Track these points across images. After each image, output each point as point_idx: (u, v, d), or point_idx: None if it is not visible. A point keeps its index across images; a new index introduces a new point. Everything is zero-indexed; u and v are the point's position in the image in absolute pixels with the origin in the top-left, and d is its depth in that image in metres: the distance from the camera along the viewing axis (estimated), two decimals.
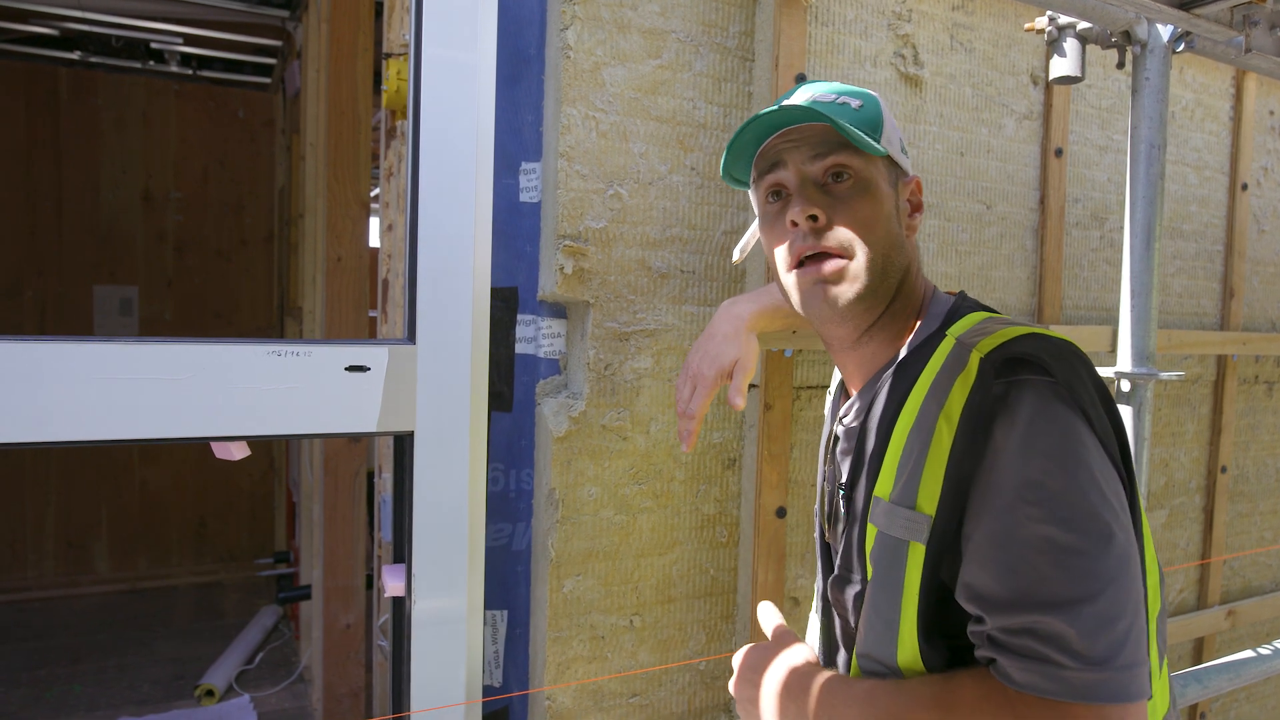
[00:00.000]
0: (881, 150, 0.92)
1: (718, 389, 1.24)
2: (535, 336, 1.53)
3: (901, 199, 0.97)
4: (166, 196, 5.01)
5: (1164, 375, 1.69)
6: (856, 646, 0.90)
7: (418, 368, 1.25)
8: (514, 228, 1.51)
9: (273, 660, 3.96)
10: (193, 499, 5.09)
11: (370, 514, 3.13)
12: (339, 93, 2.88)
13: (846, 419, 0.98)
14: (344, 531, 3.05)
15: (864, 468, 0.91)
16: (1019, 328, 0.84)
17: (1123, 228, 1.71)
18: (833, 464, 1.01)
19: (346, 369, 1.21)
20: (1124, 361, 1.71)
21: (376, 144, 3.65)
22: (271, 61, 4.80)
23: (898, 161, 0.96)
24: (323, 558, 3.04)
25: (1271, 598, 2.59)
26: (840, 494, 0.97)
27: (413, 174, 1.26)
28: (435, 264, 1.26)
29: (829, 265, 0.91)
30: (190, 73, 4.91)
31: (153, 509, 5.01)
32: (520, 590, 1.55)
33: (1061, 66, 1.68)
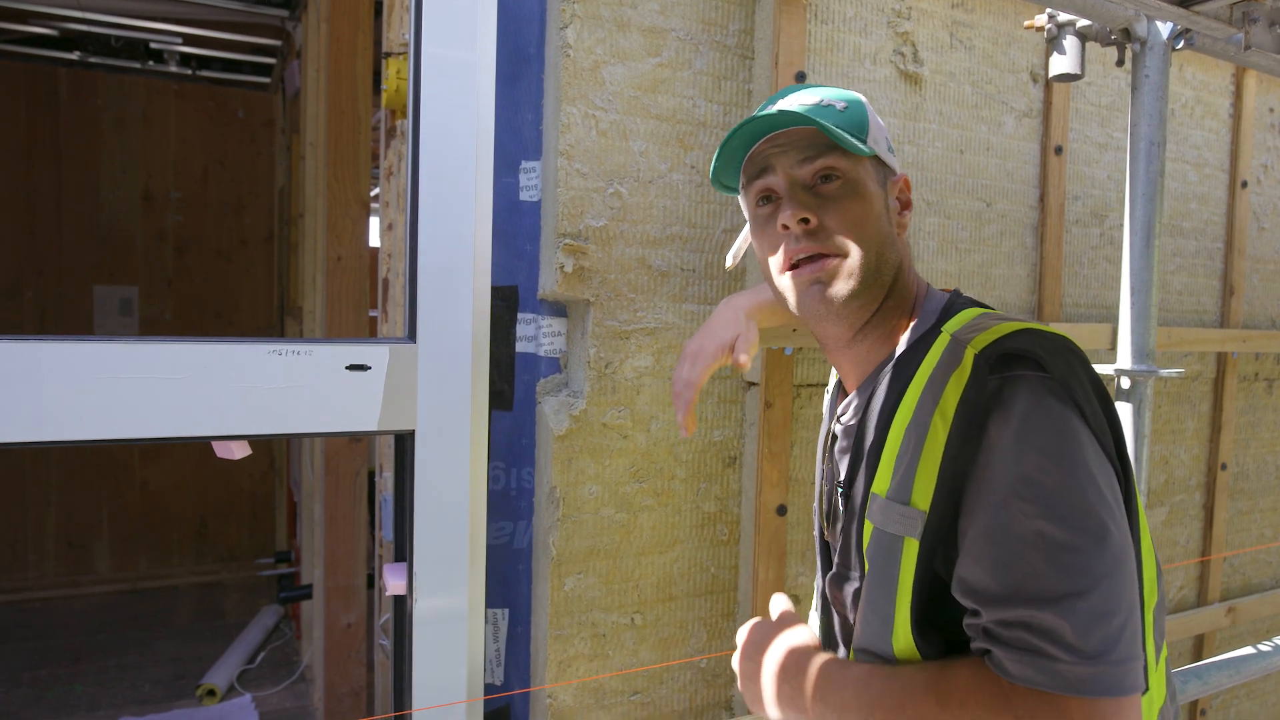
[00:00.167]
0: (868, 151, 0.93)
1: (717, 364, 1.24)
2: (536, 335, 1.53)
3: (890, 197, 0.98)
4: (166, 196, 5.01)
5: (1164, 372, 1.69)
6: (854, 641, 0.91)
7: (418, 366, 1.25)
8: (514, 226, 1.51)
9: (274, 660, 3.97)
10: (193, 499, 5.09)
11: (371, 513, 3.14)
12: (339, 92, 2.88)
13: (844, 417, 0.98)
14: (345, 531, 3.05)
15: (862, 465, 0.91)
16: (1013, 323, 0.84)
17: (1122, 225, 1.71)
18: (831, 462, 1.01)
19: (347, 368, 1.21)
20: (1124, 359, 1.71)
21: (376, 143, 3.65)
22: (271, 61, 4.80)
23: (885, 160, 0.97)
24: (324, 557, 3.04)
25: (1271, 595, 2.59)
26: (839, 492, 0.98)
27: (413, 173, 1.26)
28: (436, 263, 1.26)
29: (823, 264, 0.92)
30: (190, 73, 4.91)
31: (153, 509, 5.01)
32: (521, 588, 1.55)
33: (1061, 64, 1.68)
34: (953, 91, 1.86)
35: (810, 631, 0.97)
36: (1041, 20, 1.71)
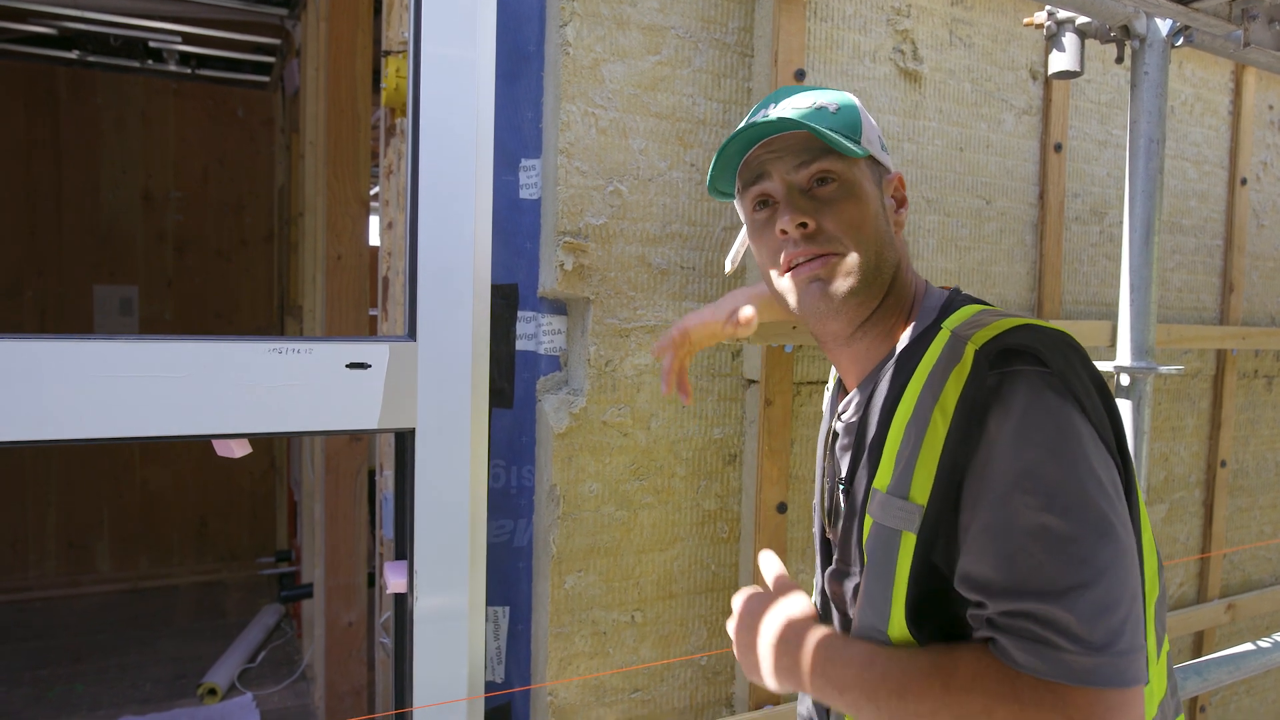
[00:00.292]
0: (862, 152, 0.93)
1: (714, 326, 1.26)
2: (536, 333, 1.53)
3: (886, 196, 0.99)
4: (166, 196, 5.00)
5: (1163, 369, 1.69)
6: (852, 633, 0.91)
7: (418, 365, 1.25)
8: (514, 224, 1.51)
9: (275, 659, 3.97)
10: (194, 498, 5.09)
11: (372, 512, 3.14)
12: (338, 91, 2.87)
13: (845, 415, 0.99)
14: (345, 530, 3.05)
15: (863, 461, 0.92)
16: (1013, 319, 0.85)
17: (1122, 223, 1.72)
18: (832, 459, 1.02)
19: (347, 366, 1.21)
20: (1123, 356, 1.71)
21: (376, 142, 3.65)
22: (270, 60, 4.80)
23: (879, 159, 0.98)
24: (324, 556, 3.04)
25: (1271, 591, 2.59)
26: (840, 488, 0.98)
27: (413, 171, 1.26)
28: (436, 261, 1.26)
29: (821, 263, 0.92)
30: (189, 72, 4.90)
31: (154, 508, 5.01)
32: (522, 586, 1.55)
33: (1060, 61, 1.68)
34: (952, 89, 1.86)
35: (807, 600, 0.97)
36: (1041, 17, 1.71)
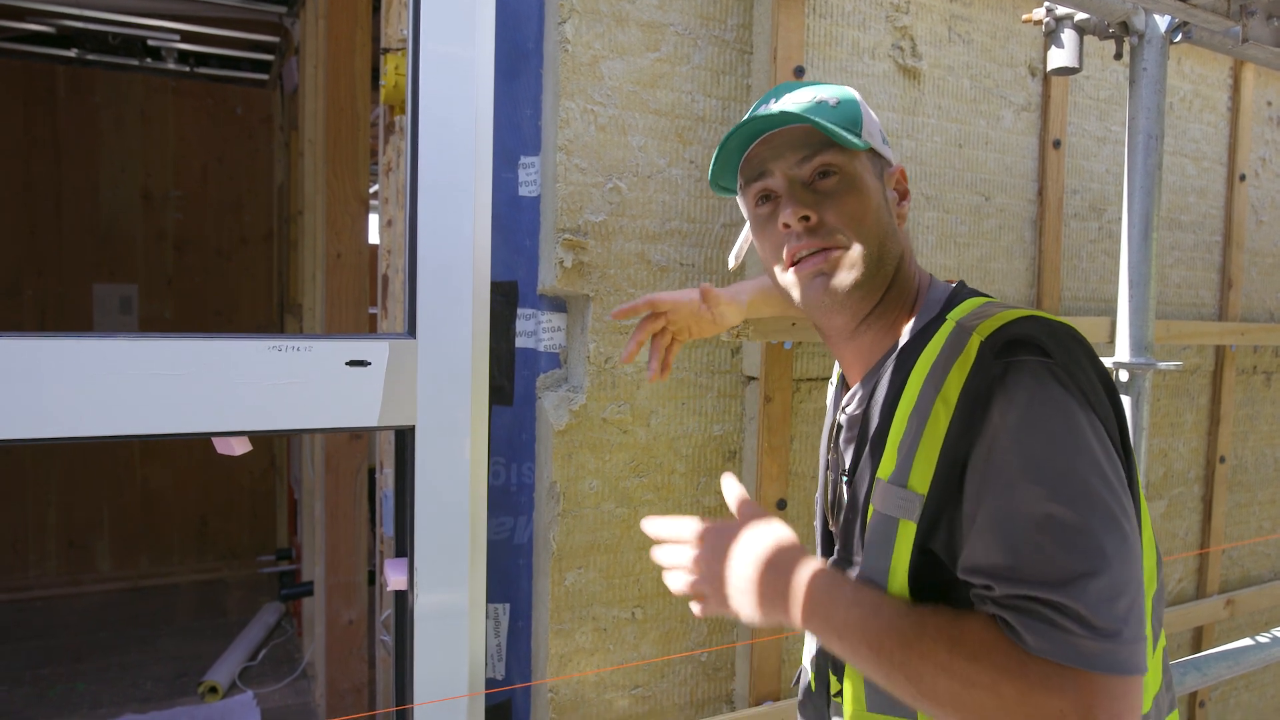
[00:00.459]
0: (863, 145, 0.93)
1: (688, 310, 1.26)
2: (535, 330, 1.53)
3: (888, 189, 0.99)
4: (165, 195, 5.00)
5: (1162, 365, 1.70)
6: None
7: (418, 362, 1.25)
8: (513, 222, 1.51)
9: (275, 657, 3.97)
10: (194, 497, 5.09)
11: (372, 510, 3.14)
12: (337, 89, 2.87)
13: (849, 408, 0.99)
14: (346, 528, 3.05)
15: (866, 452, 0.92)
16: (1019, 310, 0.85)
17: (1121, 219, 1.72)
18: (836, 452, 1.02)
19: (347, 364, 1.21)
20: (1122, 352, 1.72)
21: (375, 140, 3.65)
22: (269, 58, 4.79)
23: (880, 152, 0.98)
24: (325, 554, 3.04)
25: (1270, 587, 2.59)
26: (844, 480, 0.98)
27: (412, 169, 1.26)
28: (435, 259, 1.26)
29: (825, 256, 0.92)
30: (188, 70, 4.90)
31: (154, 507, 5.01)
32: (522, 583, 1.56)
33: (1059, 58, 1.68)
34: (951, 86, 1.86)
35: (788, 528, 0.94)
36: (1039, 14, 1.71)
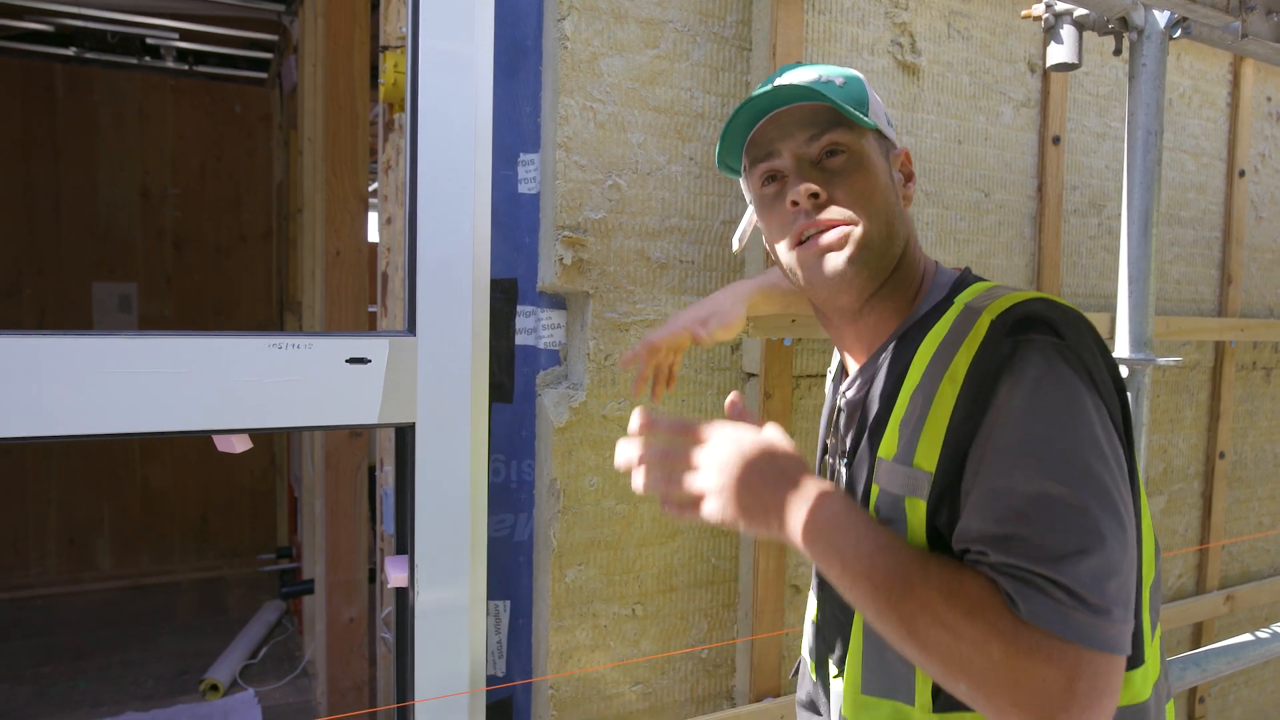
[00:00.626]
0: (871, 123, 0.93)
1: (683, 335, 1.25)
2: (535, 327, 1.53)
3: (894, 170, 0.98)
4: (164, 193, 5.00)
5: (1162, 361, 1.70)
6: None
7: (418, 360, 1.25)
8: (513, 219, 1.51)
9: (276, 655, 3.97)
10: (194, 496, 5.10)
11: (372, 509, 3.14)
12: (336, 87, 2.87)
13: (849, 393, 0.98)
14: (346, 526, 3.06)
15: (867, 433, 0.92)
16: (1029, 292, 0.85)
17: (1120, 215, 1.72)
18: (836, 436, 1.02)
19: (347, 361, 1.22)
20: (1122, 348, 1.72)
21: (374, 138, 3.65)
22: (268, 56, 4.79)
23: (886, 134, 0.98)
24: (325, 552, 3.05)
25: (1270, 582, 2.60)
26: (843, 463, 0.98)
27: (411, 167, 1.26)
28: (435, 256, 1.26)
29: (833, 233, 0.91)
30: (186, 68, 4.89)
31: (154, 506, 5.02)
32: (523, 580, 1.56)
33: (1058, 54, 1.68)
34: (950, 82, 1.86)
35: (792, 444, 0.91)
36: (1039, 10, 1.71)
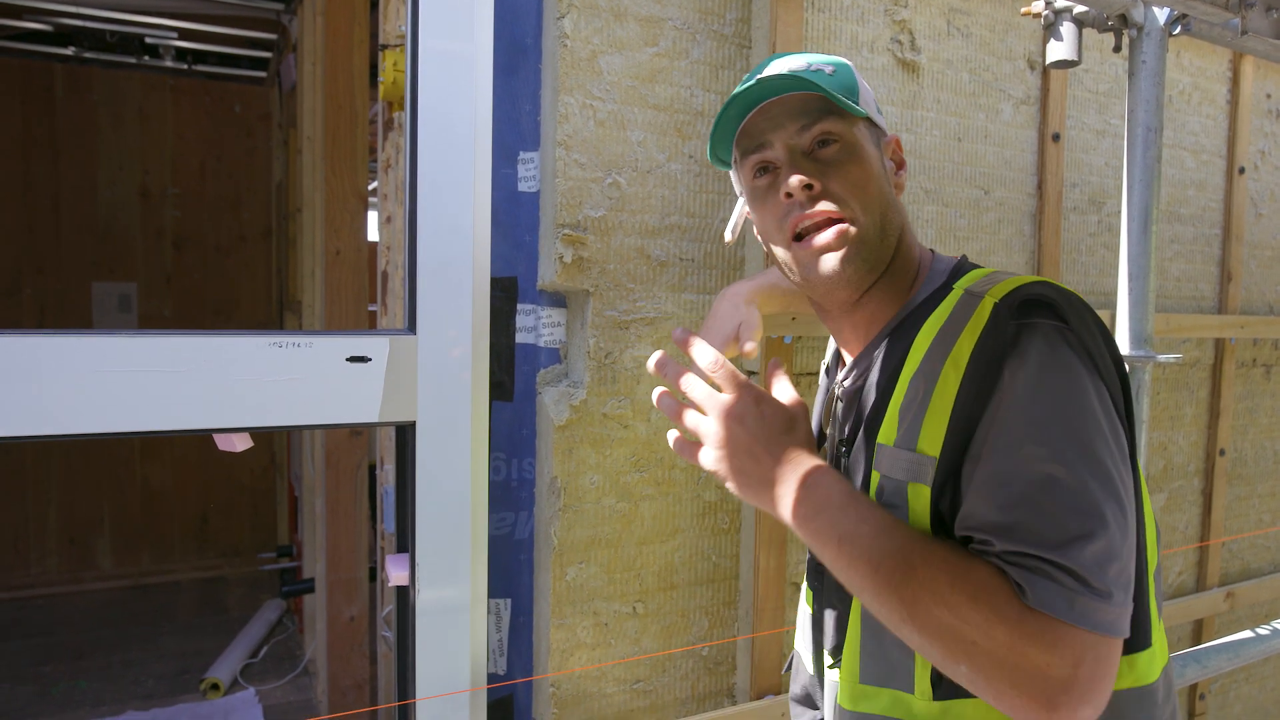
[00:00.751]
0: (862, 111, 0.92)
1: (727, 354, 1.25)
2: (535, 326, 1.53)
3: (885, 158, 0.98)
4: (164, 193, 5.00)
5: (1162, 358, 1.70)
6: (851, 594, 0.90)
7: (419, 358, 1.25)
8: (513, 217, 1.51)
9: (277, 654, 3.98)
10: (195, 495, 5.10)
11: (373, 507, 3.14)
12: (335, 86, 2.87)
13: (846, 382, 0.98)
14: (346, 525, 3.06)
15: (865, 420, 0.92)
16: (1030, 276, 0.85)
17: (1120, 212, 1.72)
18: (834, 426, 1.02)
19: (348, 360, 1.22)
20: (1122, 345, 1.72)
21: (373, 137, 3.65)
22: (267, 55, 4.79)
23: (876, 121, 0.97)
24: (325, 551, 3.05)
25: (1270, 579, 2.60)
26: (841, 450, 0.98)
27: (411, 165, 1.26)
28: (435, 254, 1.26)
29: (831, 230, 0.91)
30: (185, 68, 4.89)
31: (155, 505, 5.02)
32: (523, 578, 1.56)
33: (1058, 51, 1.68)
34: (950, 79, 1.86)
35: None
36: (1038, 7, 1.71)
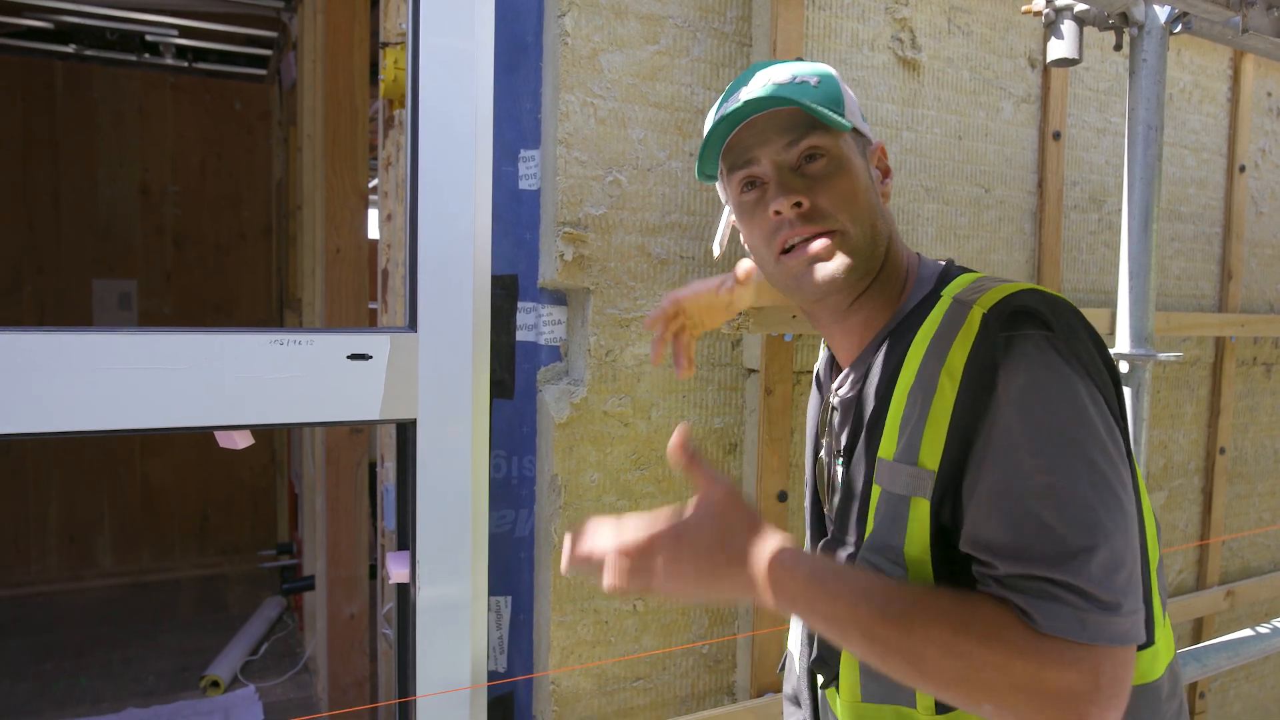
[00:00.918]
0: (848, 125, 0.92)
1: (706, 301, 1.24)
2: (536, 324, 1.53)
3: (872, 167, 0.98)
4: (164, 190, 4.99)
5: (1162, 357, 1.70)
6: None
7: (419, 356, 1.25)
8: (514, 215, 1.51)
9: (277, 651, 3.98)
10: (195, 492, 5.10)
11: (373, 505, 3.15)
12: (335, 84, 2.87)
13: (842, 390, 0.98)
14: (346, 522, 3.06)
15: (863, 431, 0.92)
16: (1017, 284, 0.85)
17: (1121, 210, 1.72)
18: (830, 434, 1.01)
19: (349, 357, 1.22)
20: (1122, 343, 1.72)
21: (374, 135, 3.65)
22: (267, 53, 4.78)
23: (862, 130, 0.97)
24: (325, 549, 3.05)
25: (1270, 578, 2.60)
26: (839, 461, 0.98)
27: (412, 163, 1.26)
28: (436, 252, 1.26)
29: (819, 243, 0.91)
30: (186, 65, 4.89)
31: (155, 502, 5.02)
32: (524, 576, 1.56)
33: (1059, 49, 1.68)
34: (951, 77, 1.86)
35: (743, 499, 0.90)
36: (1039, 5, 1.70)
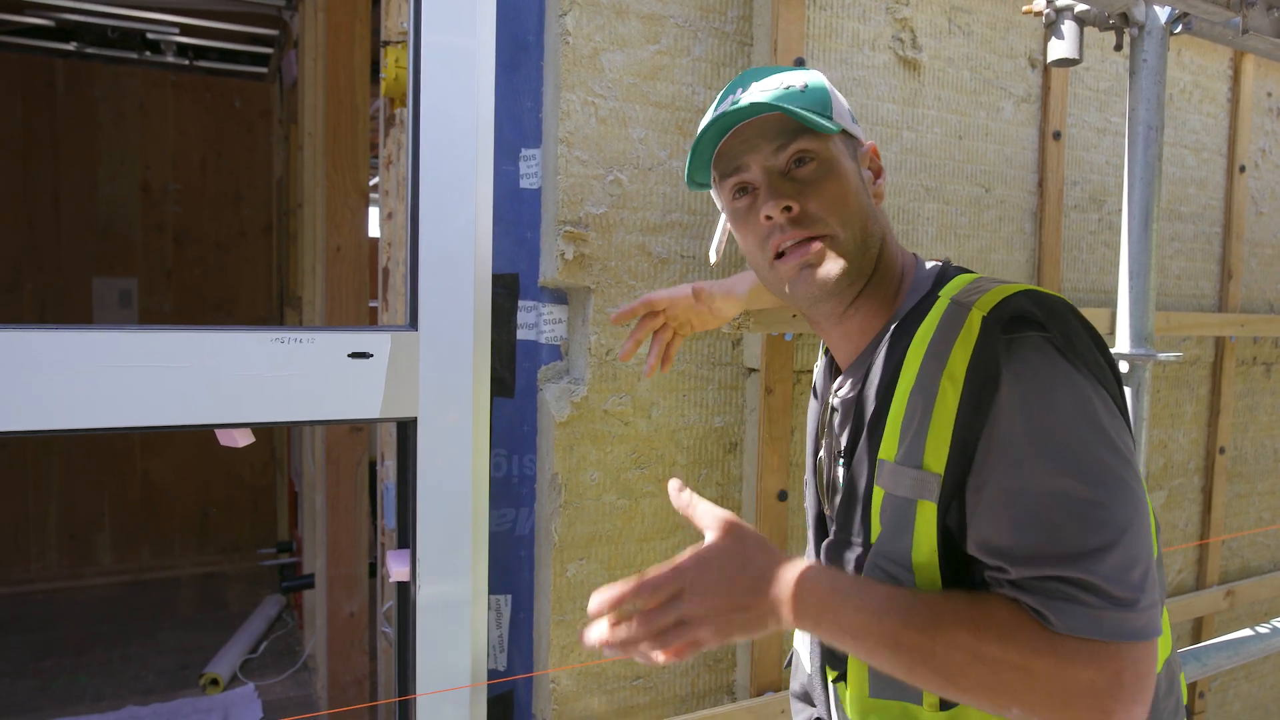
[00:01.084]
0: (836, 128, 0.92)
1: (684, 305, 1.29)
2: (537, 322, 1.54)
3: (863, 168, 0.98)
4: (164, 188, 5.00)
5: (1162, 356, 1.70)
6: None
7: (420, 354, 1.26)
8: (515, 214, 1.52)
9: (277, 649, 3.98)
10: (195, 490, 5.10)
11: (373, 503, 3.15)
12: (336, 82, 2.87)
13: (841, 391, 0.98)
14: (346, 520, 3.06)
15: (864, 433, 0.92)
16: (1014, 285, 0.85)
17: (1121, 210, 1.72)
18: (830, 436, 1.02)
19: (349, 356, 1.22)
20: (1122, 343, 1.72)
21: (375, 133, 3.65)
22: (268, 51, 4.78)
23: (851, 133, 0.98)
24: (325, 547, 3.05)
25: (1270, 577, 2.60)
26: (840, 463, 0.98)
27: (413, 161, 1.26)
28: (437, 251, 1.26)
29: (811, 248, 0.92)
30: (186, 63, 4.89)
31: (155, 500, 5.02)
32: (524, 575, 1.56)
33: (1059, 49, 1.68)
34: (951, 77, 1.86)
35: (751, 530, 0.92)
36: (1040, 4, 1.70)
